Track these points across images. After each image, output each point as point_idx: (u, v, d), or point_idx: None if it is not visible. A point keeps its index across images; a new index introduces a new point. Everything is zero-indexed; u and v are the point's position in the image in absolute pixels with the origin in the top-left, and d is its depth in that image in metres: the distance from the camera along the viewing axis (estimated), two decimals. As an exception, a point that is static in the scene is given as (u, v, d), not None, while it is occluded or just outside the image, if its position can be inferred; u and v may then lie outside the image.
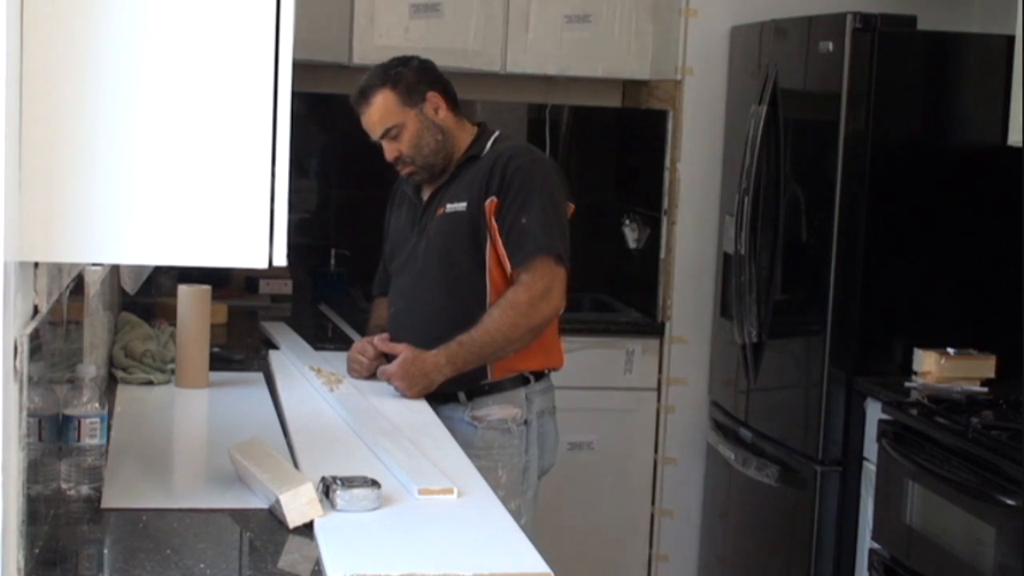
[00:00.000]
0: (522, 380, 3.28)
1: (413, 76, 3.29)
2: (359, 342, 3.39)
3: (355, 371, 3.33)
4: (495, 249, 3.21)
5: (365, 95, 3.28)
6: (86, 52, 1.78)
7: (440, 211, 3.26)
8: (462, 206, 3.23)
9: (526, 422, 3.28)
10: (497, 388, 3.26)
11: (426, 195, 3.35)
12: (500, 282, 3.22)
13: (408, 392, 3.18)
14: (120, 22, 1.79)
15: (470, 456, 3.00)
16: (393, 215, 3.48)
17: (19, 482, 1.82)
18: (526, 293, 3.16)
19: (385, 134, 3.26)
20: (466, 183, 3.25)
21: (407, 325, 3.30)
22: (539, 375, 3.31)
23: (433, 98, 3.28)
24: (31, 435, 1.93)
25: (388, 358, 3.27)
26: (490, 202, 3.20)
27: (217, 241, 1.85)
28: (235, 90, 1.82)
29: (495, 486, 2.93)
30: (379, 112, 3.26)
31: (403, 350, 3.21)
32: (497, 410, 3.25)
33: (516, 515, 3.12)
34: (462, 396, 3.25)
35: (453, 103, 3.34)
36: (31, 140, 1.76)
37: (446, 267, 3.25)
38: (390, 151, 3.27)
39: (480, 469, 3.00)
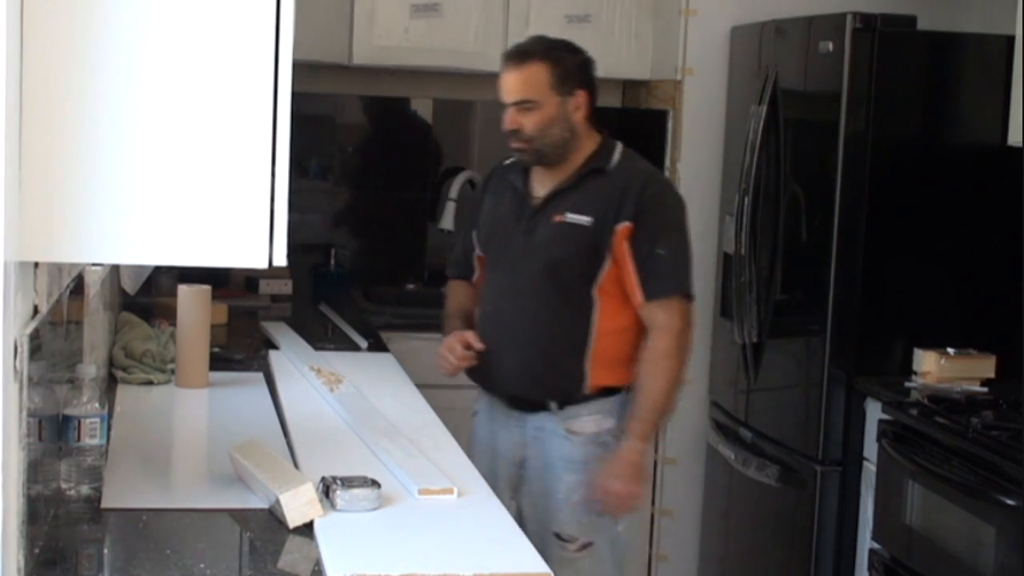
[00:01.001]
0: (614, 391, 3.20)
1: (573, 67, 3.18)
2: (449, 338, 3.28)
3: (444, 369, 3.28)
4: (619, 272, 3.13)
5: (522, 58, 3.15)
6: (86, 52, 1.78)
7: (558, 217, 3.16)
8: (586, 220, 3.13)
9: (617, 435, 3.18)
10: (591, 398, 3.19)
11: (539, 192, 3.23)
12: (610, 303, 3.15)
13: (637, 491, 3.17)
14: (120, 23, 1.79)
15: (564, 470, 3.16)
16: (488, 199, 3.36)
17: (19, 482, 1.82)
18: (670, 338, 3.13)
19: (519, 103, 3.14)
20: (592, 197, 3.16)
21: (503, 327, 3.23)
22: (628, 388, 3.20)
23: (580, 97, 3.18)
24: (31, 435, 1.93)
25: (480, 354, 3.24)
26: (624, 227, 3.11)
27: (217, 241, 1.85)
28: (235, 90, 1.82)
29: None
30: (526, 81, 3.13)
31: (612, 485, 3.14)
32: (591, 423, 3.18)
33: (620, 533, 3.23)
34: (554, 406, 3.19)
35: (593, 111, 3.26)
36: (31, 140, 1.76)
37: (556, 275, 3.16)
38: (512, 121, 3.14)
39: (576, 484, 3.16)
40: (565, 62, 3.16)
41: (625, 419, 3.18)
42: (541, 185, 3.23)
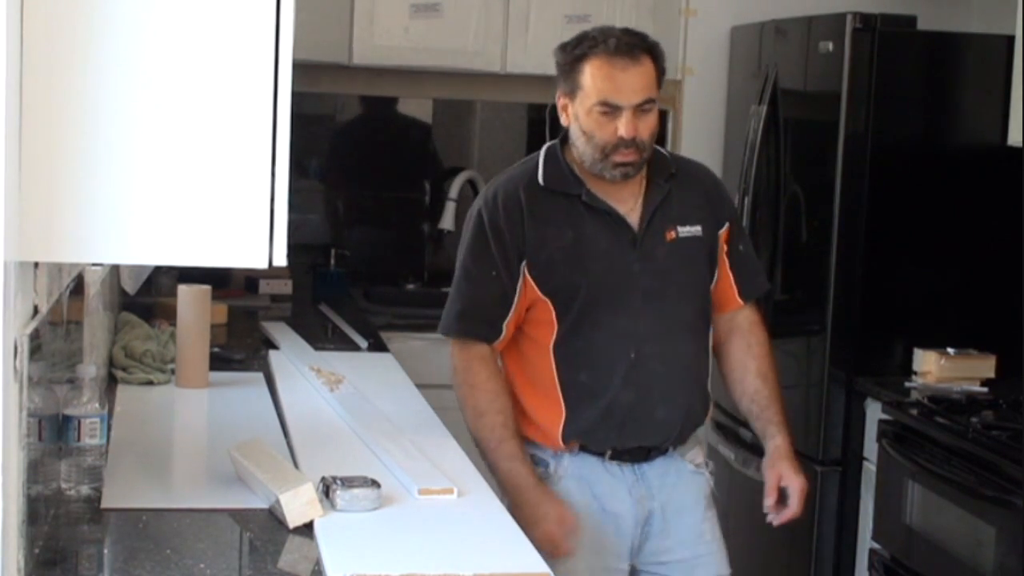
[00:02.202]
0: None
1: (662, 63, 2.76)
2: (556, 512, 2.69)
3: (558, 551, 2.64)
4: (719, 278, 2.87)
5: (633, 51, 2.66)
6: (86, 52, 1.78)
7: (670, 235, 2.76)
8: (697, 230, 2.80)
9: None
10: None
11: (631, 212, 2.76)
12: (709, 312, 2.88)
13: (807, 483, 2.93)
14: (120, 23, 1.79)
15: (705, 507, 2.87)
16: (537, 232, 2.73)
17: (19, 482, 1.82)
18: (765, 330, 2.94)
19: (642, 104, 2.66)
20: (684, 203, 2.80)
21: (654, 374, 2.75)
22: None
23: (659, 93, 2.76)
24: (31, 435, 1.93)
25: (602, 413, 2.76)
26: (725, 229, 2.85)
27: (217, 241, 1.85)
28: (235, 90, 1.82)
29: (724, 535, 2.89)
30: (645, 76, 2.67)
31: (793, 482, 2.92)
32: (699, 450, 2.94)
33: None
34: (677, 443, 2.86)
35: None
36: (31, 140, 1.76)
37: (690, 299, 2.81)
38: (631, 127, 2.63)
39: (716, 519, 2.90)
40: (661, 57, 2.75)
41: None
42: (620, 202, 2.76)
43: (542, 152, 2.81)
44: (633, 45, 2.69)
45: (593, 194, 2.73)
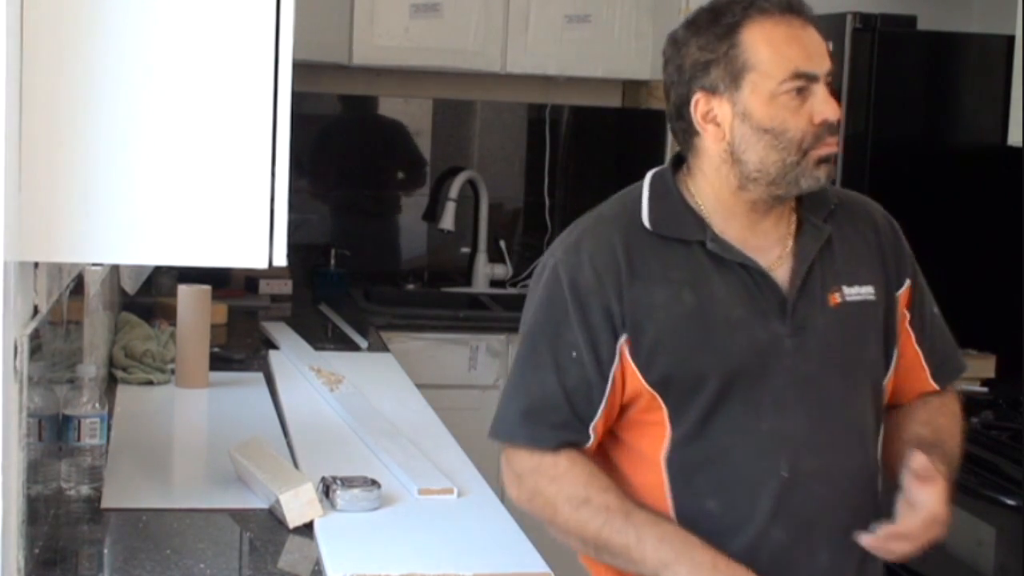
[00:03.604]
0: None
1: None
2: (908, 527, 1.93)
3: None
4: (901, 356, 2.09)
5: (803, 5, 1.96)
6: (86, 52, 1.78)
7: (834, 298, 1.99)
8: (869, 292, 2.02)
9: None
10: None
11: (777, 265, 1.99)
12: (882, 407, 2.08)
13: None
14: (120, 23, 1.79)
15: None
16: (642, 292, 1.94)
17: (19, 482, 1.82)
18: (959, 402, 2.17)
19: (829, 75, 1.94)
20: (852, 253, 2.04)
21: (825, 505, 1.98)
22: None
23: None
24: (31, 435, 1.93)
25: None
26: (907, 288, 2.09)
27: (217, 241, 1.85)
28: (235, 90, 1.82)
29: None
30: (821, 38, 1.96)
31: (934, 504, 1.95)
32: None
33: None
34: None
35: None
36: (31, 140, 1.76)
37: (863, 390, 2.03)
38: (833, 103, 1.92)
39: None
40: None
41: None
42: (760, 250, 1.98)
43: (646, 184, 2.03)
44: (802, 4, 1.96)
45: (723, 240, 1.96)
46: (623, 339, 1.93)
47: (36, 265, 1.92)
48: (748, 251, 1.97)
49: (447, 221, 4.80)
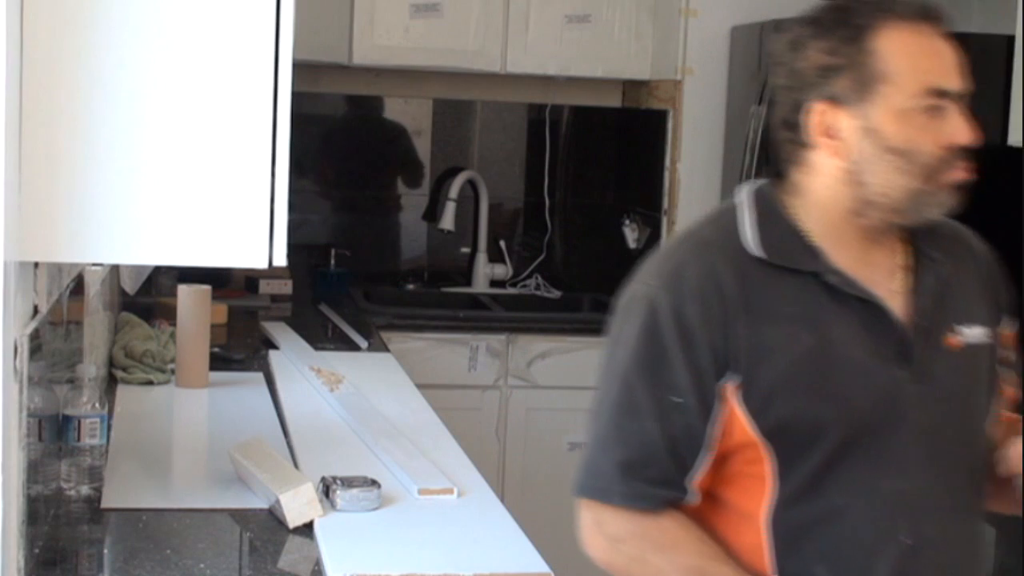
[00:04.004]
0: None
1: None
2: None
3: None
4: (1001, 402, 1.87)
5: (940, 15, 1.82)
6: (86, 52, 1.78)
7: (953, 340, 1.79)
8: (982, 333, 1.82)
9: None
10: None
11: (892, 298, 1.78)
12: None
13: None
14: (120, 23, 1.79)
15: None
16: (753, 330, 1.72)
17: (19, 482, 1.82)
18: None
19: (965, 96, 1.76)
20: (965, 288, 1.85)
21: (953, 561, 1.79)
22: None
23: None
24: (31, 435, 1.93)
25: None
26: (1010, 325, 1.90)
27: (217, 241, 1.85)
28: (235, 90, 1.82)
29: None
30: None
31: None
32: None
33: None
34: None
35: None
36: (31, 140, 1.76)
37: (978, 445, 1.83)
38: (970, 127, 1.74)
39: None
40: None
41: None
42: (874, 282, 1.78)
43: (745, 203, 1.80)
44: (940, 13, 1.80)
45: (840, 271, 1.75)
46: (731, 382, 1.71)
47: (36, 265, 1.92)
48: (868, 287, 1.75)
49: (447, 221, 4.80)
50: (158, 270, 4.09)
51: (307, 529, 2.22)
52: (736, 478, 1.76)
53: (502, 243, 4.96)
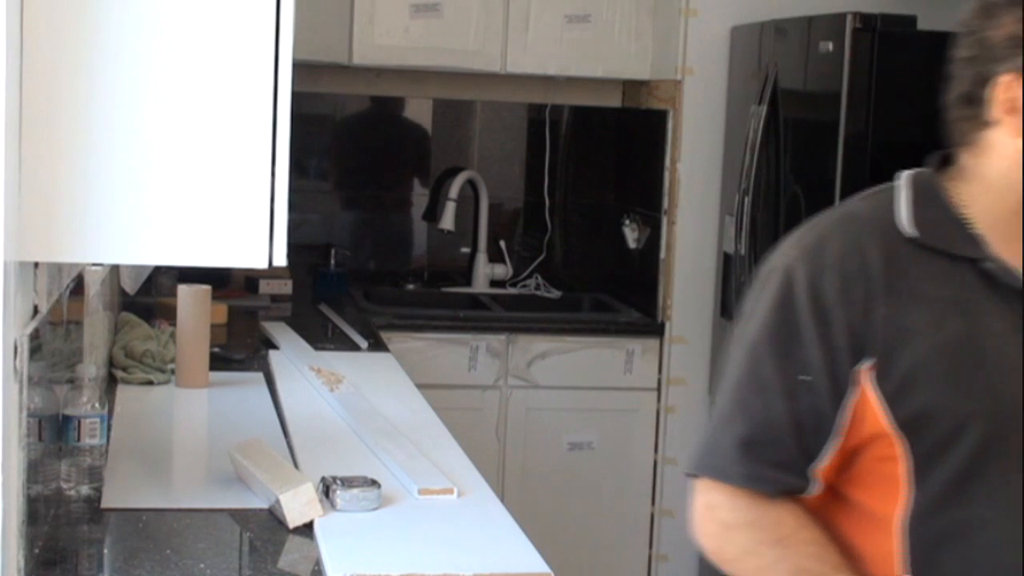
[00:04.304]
0: None
1: None
2: None
3: None
4: None
5: None
6: (86, 52, 1.78)
7: None
8: None
9: None
10: None
11: None
12: None
13: None
14: (120, 22, 1.79)
15: None
16: (895, 316, 1.59)
17: (19, 482, 1.82)
18: None
19: None
20: None
21: None
22: None
23: None
24: (31, 435, 1.93)
25: None
26: None
27: (217, 241, 1.85)
28: (235, 90, 1.82)
29: None
30: None
31: None
32: None
33: None
34: None
35: None
36: (31, 140, 1.76)
37: None
38: None
39: None
40: None
41: None
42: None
43: (903, 184, 1.72)
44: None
45: (1000, 261, 1.61)
46: (867, 364, 1.58)
47: (36, 265, 1.92)
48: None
49: (447, 221, 4.80)
50: (158, 270, 4.09)
51: (307, 529, 2.22)
52: (867, 477, 1.62)
53: (502, 243, 4.96)
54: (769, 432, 1.61)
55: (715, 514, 1.68)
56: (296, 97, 1.87)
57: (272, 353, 3.62)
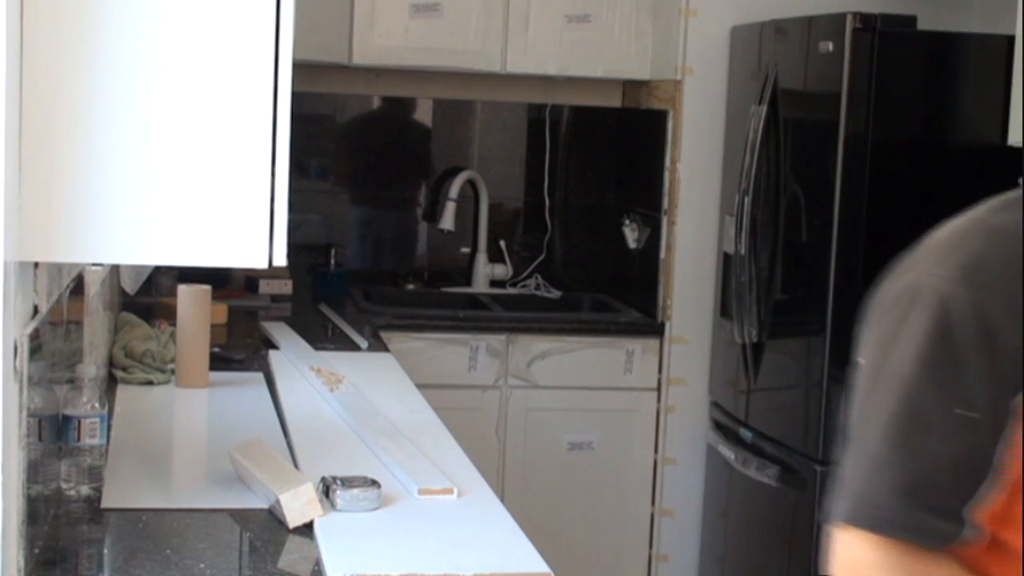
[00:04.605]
0: None
1: None
2: None
3: None
4: None
5: None
6: (86, 52, 1.78)
7: None
8: None
9: None
10: None
11: None
12: None
13: None
14: (120, 23, 1.79)
15: None
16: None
17: (19, 482, 1.82)
18: None
19: None
20: None
21: None
22: None
23: None
24: (31, 435, 1.93)
25: None
26: None
27: (217, 241, 1.85)
28: (235, 90, 1.82)
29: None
30: None
31: None
32: None
33: None
34: None
35: None
36: (31, 140, 1.76)
37: None
38: None
39: None
40: None
41: None
42: None
43: None
44: None
45: None
46: None
47: (36, 265, 1.92)
48: None
49: (447, 221, 4.80)
50: (158, 270, 4.09)
51: (307, 529, 2.22)
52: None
53: (502, 243, 4.96)
54: (931, 477, 1.44)
55: (862, 570, 1.48)
56: (296, 97, 1.87)
57: (272, 353, 3.62)
